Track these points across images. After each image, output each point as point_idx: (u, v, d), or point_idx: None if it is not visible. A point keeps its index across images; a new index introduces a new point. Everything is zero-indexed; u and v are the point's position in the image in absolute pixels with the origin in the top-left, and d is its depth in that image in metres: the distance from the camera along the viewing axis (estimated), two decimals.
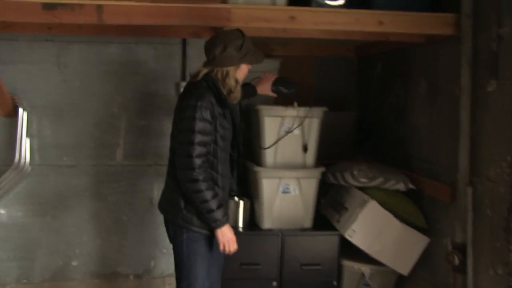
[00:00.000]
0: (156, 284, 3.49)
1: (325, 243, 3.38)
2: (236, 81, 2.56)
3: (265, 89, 3.16)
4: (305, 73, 4.44)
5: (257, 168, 3.38)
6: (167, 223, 2.61)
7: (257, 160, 3.53)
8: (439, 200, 3.11)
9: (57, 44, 3.29)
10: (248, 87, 3.10)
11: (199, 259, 2.53)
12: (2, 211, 3.32)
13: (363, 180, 3.29)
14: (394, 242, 3.18)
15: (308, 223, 3.44)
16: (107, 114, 3.43)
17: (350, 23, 2.88)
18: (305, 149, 3.28)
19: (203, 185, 2.35)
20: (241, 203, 3.51)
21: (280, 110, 3.39)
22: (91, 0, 2.64)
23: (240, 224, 3.50)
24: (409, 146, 3.52)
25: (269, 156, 3.37)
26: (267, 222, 3.41)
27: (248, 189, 3.70)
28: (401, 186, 3.30)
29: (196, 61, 3.39)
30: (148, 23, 2.77)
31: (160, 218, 3.38)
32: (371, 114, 4.20)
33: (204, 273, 2.55)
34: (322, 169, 3.42)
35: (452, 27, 2.88)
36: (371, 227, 3.16)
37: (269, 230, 3.41)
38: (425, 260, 3.23)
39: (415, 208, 3.29)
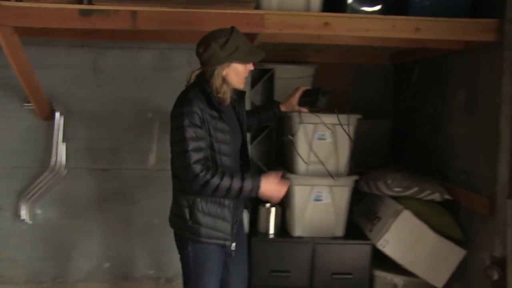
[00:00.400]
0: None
1: (357, 252, 3.33)
2: (224, 81, 2.36)
3: (290, 104, 2.90)
4: (341, 80, 4.41)
5: (289, 175, 3.35)
6: (176, 236, 2.49)
7: (290, 167, 3.50)
8: (477, 212, 3.02)
9: (93, 49, 3.35)
10: (271, 106, 2.90)
11: (205, 273, 2.40)
12: (39, 212, 3.40)
13: (397, 189, 3.22)
14: (428, 253, 3.10)
15: (340, 231, 3.39)
16: (140, 119, 3.46)
17: (385, 30, 2.83)
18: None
19: (216, 181, 2.23)
20: (273, 210, 3.49)
21: (313, 117, 3.36)
22: (126, 6, 2.68)
23: (271, 231, 3.48)
24: (446, 156, 3.43)
25: (301, 163, 3.34)
26: (299, 229, 3.38)
27: None
28: (436, 197, 3.22)
29: None
30: (181, 29, 2.79)
31: None
32: (406, 123, 4.12)
33: None
34: (355, 177, 3.37)
35: (494, 33, 2.80)
36: (404, 237, 3.10)
37: (300, 238, 3.37)
38: (461, 273, 3.13)
39: (451, 219, 3.20)
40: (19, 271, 3.43)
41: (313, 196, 3.34)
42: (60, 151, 3.32)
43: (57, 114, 3.28)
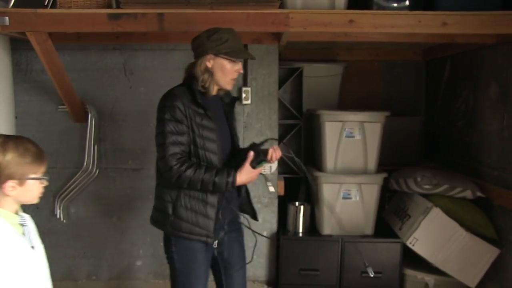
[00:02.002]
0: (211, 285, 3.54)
1: (387, 250, 3.30)
2: (207, 72, 2.32)
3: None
4: (371, 78, 4.38)
5: (317, 173, 3.36)
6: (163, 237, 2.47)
7: (318, 165, 3.50)
8: (511, 210, 2.94)
9: (124, 52, 3.43)
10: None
11: (192, 275, 2.37)
12: (73, 211, 3.50)
13: (426, 186, 3.18)
14: (460, 252, 3.05)
15: (369, 229, 3.37)
16: None
17: (411, 26, 2.79)
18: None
19: (189, 173, 2.22)
20: (301, 208, 3.50)
21: (341, 114, 3.35)
22: (153, 9, 2.74)
23: (300, 229, 3.49)
24: (478, 153, 3.36)
25: (329, 161, 3.34)
26: (327, 227, 3.38)
27: (309, 194, 3.68)
28: (468, 194, 3.17)
29: (258, 67, 3.44)
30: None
31: None
32: (438, 120, 4.05)
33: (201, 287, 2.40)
34: (384, 175, 3.34)
35: None
36: (434, 235, 3.05)
37: (329, 236, 3.37)
38: (495, 272, 3.07)
39: (484, 217, 3.13)
40: (55, 269, 3.47)
41: (341, 194, 3.32)
42: (93, 152, 3.41)
43: (90, 116, 3.37)
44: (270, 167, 2.81)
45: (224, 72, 2.34)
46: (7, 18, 2.71)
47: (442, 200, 3.13)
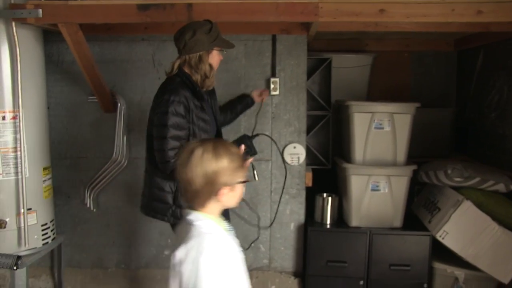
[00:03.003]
0: None
1: (416, 243, 3.25)
2: (210, 66, 2.55)
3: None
4: (401, 69, 4.32)
5: (345, 165, 3.33)
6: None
7: (346, 156, 3.47)
8: None
9: (153, 43, 3.44)
10: (244, 95, 3.05)
11: None
12: (103, 200, 3.55)
13: (457, 179, 3.12)
14: (492, 246, 2.98)
15: (398, 222, 3.33)
16: None
17: (444, 15, 2.73)
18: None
19: None
20: (329, 199, 3.48)
21: (370, 105, 3.31)
22: (182, 0, 2.74)
23: (328, 220, 3.47)
24: None
25: (358, 152, 3.30)
26: (355, 219, 3.35)
27: (336, 185, 3.66)
28: (501, 187, 3.09)
29: (286, 57, 3.42)
30: (236, 20, 2.83)
31: (248, 212, 3.45)
32: (470, 111, 3.96)
33: None
34: (413, 167, 3.29)
35: None
36: (465, 229, 3.00)
37: (357, 228, 3.34)
38: None
39: None
40: (85, 257, 3.61)
41: (370, 186, 3.29)
42: (122, 142, 3.45)
43: (119, 107, 3.40)
44: (255, 175, 2.92)
45: (216, 61, 2.57)
46: (40, 11, 2.76)
47: (473, 193, 3.07)
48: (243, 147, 2.45)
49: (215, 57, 2.57)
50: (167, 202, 2.49)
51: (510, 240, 2.98)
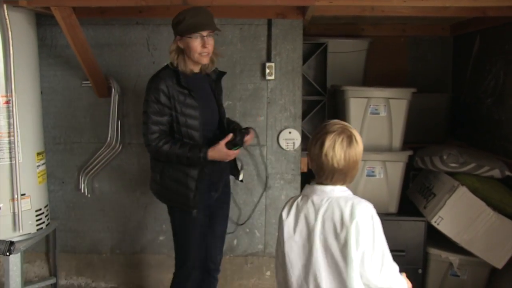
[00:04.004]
0: (238, 262, 3.55)
1: (411, 229, 3.26)
2: (178, 53, 2.56)
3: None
4: (397, 54, 4.30)
5: None
6: None
7: None
8: None
9: (147, 27, 3.40)
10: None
11: (185, 233, 2.65)
12: (97, 186, 3.53)
13: (453, 165, 3.12)
14: (486, 232, 3.00)
15: (393, 208, 3.34)
16: None
17: None
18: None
19: (165, 148, 2.50)
20: None
21: (366, 91, 3.29)
22: None
23: None
24: (508, 131, 3.28)
25: None
26: None
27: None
28: (496, 173, 3.10)
29: (282, 42, 3.39)
30: (231, 4, 2.80)
31: (243, 197, 3.45)
32: (466, 97, 3.96)
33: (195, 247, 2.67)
34: (409, 152, 3.29)
35: None
36: (460, 214, 3.01)
37: None
38: None
39: None
40: (80, 242, 3.60)
41: (365, 172, 3.29)
42: (116, 127, 3.42)
43: (114, 91, 3.37)
44: (240, 175, 2.89)
45: (191, 49, 2.52)
46: None
47: (469, 179, 3.07)
48: (231, 135, 2.54)
49: (188, 44, 2.51)
50: (156, 180, 2.65)
51: (505, 226, 3.00)
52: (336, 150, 1.74)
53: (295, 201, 1.86)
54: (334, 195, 1.78)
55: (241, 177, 2.91)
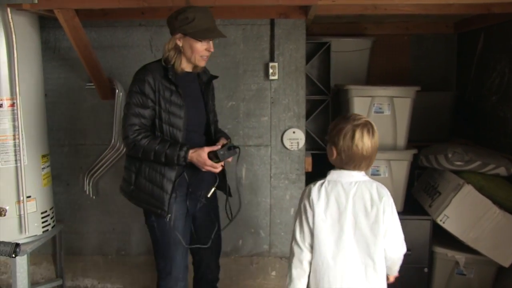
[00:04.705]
0: (243, 262, 3.55)
1: (416, 228, 3.25)
2: (176, 51, 2.45)
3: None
4: (400, 52, 4.29)
5: None
6: None
7: None
8: None
9: (150, 28, 3.41)
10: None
11: (171, 241, 2.50)
12: (102, 187, 3.54)
13: (458, 163, 3.10)
14: (493, 230, 2.98)
15: (398, 206, 3.22)
16: None
17: None
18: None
19: (143, 142, 2.37)
20: None
21: (370, 89, 3.28)
22: None
23: None
24: None
25: None
26: None
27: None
28: (502, 171, 3.08)
29: (285, 42, 3.39)
30: (234, 4, 2.80)
31: (248, 197, 3.45)
32: (470, 95, 3.94)
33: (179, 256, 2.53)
34: (414, 151, 3.28)
35: None
36: (466, 213, 2.99)
37: None
38: None
39: None
40: (86, 243, 3.61)
41: (370, 171, 3.27)
42: (120, 129, 3.42)
43: (117, 93, 3.38)
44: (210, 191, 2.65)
45: (194, 51, 2.44)
46: None
47: (474, 177, 3.05)
48: (220, 146, 2.43)
49: (192, 45, 2.43)
50: (130, 181, 2.50)
51: (511, 224, 2.98)
52: (365, 141, 1.95)
53: (322, 186, 2.02)
54: (360, 179, 2.01)
55: (209, 194, 2.64)
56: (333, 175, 2.05)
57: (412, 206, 3.40)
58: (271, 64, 3.40)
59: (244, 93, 3.46)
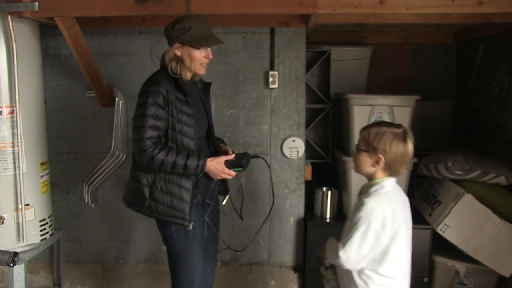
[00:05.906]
0: (242, 271, 3.53)
1: (416, 237, 3.14)
2: (177, 61, 2.44)
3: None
4: (400, 61, 4.30)
5: (345, 158, 3.31)
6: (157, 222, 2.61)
7: (346, 149, 3.45)
8: None
9: (150, 36, 3.41)
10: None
11: (193, 252, 2.50)
12: (101, 195, 3.53)
13: (458, 172, 3.10)
14: (493, 239, 2.97)
15: None
16: None
17: (445, 5, 2.70)
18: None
19: (161, 155, 2.32)
20: (329, 193, 3.46)
21: (370, 98, 3.28)
22: None
23: (328, 214, 3.45)
24: None
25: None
26: None
27: (336, 179, 3.64)
28: (502, 180, 3.08)
29: (285, 50, 3.40)
30: (234, 12, 2.80)
31: (248, 207, 3.44)
32: (470, 104, 3.94)
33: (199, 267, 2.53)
34: (413, 160, 3.27)
35: None
36: (466, 222, 2.98)
37: None
38: None
39: None
40: (84, 251, 3.59)
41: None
42: (120, 137, 3.42)
43: (117, 101, 3.37)
44: (225, 199, 2.72)
45: (193, 59, 2.44)
46: (36, 4, 2.72)
47: (474, 186, 3.05)
48: (233, 155, 2.48)
49: (191, 54, 2.43)
50: (144, 195, 2.46)
51: (511, 233, 2.97)
52: (412, 146, 2.03)
53: (386, 195, 2.06)
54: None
55: (224, 202, 2.72)
56: (391, 183, 2.09)
57: (412, 215, 3.37)
58: (271, 72, 3.40)
59: (244, 101, 3.45)
